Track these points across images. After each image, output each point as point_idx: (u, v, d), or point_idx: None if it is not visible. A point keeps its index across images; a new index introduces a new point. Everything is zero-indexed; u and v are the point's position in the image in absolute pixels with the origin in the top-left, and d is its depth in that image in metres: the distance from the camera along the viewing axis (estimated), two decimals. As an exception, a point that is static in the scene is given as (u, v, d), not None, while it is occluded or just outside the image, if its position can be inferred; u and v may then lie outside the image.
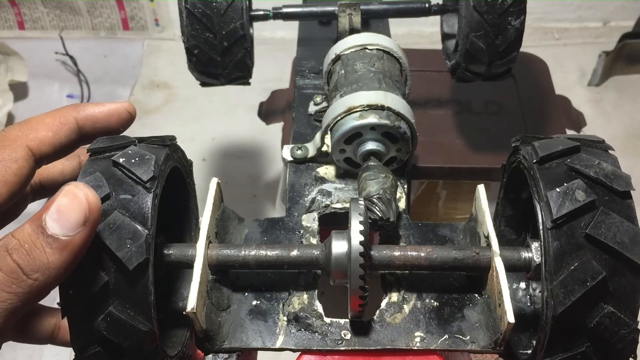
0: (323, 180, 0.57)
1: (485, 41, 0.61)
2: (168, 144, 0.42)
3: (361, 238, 0.41)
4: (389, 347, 0.45)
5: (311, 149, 0.58)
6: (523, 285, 0.49)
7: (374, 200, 0.48)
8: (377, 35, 0.59)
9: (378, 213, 0.48)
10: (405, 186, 0.57)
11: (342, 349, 0.45)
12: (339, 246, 0.43)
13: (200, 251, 0.43)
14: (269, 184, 1.32)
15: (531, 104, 0.94)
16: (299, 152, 0.58)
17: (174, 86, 1.51)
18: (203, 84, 0.71)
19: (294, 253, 0.44)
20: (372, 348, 0.45)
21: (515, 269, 0.43)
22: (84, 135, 0.45)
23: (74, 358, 0.38)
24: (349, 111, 0.52)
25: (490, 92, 0.94)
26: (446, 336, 0.45)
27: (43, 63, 1.53)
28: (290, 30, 1.21)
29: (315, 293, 0.48)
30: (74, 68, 1.52)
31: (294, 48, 0.75)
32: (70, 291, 0.37)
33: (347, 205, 0.54)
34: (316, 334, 0.45)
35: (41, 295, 0.35)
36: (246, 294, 0.48)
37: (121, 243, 0.37)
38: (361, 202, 0.44)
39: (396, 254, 0.44)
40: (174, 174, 0.44)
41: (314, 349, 0.45)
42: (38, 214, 0.35)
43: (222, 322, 0.45)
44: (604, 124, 1.42)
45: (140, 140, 0.43)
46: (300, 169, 0.58)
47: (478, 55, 0.62)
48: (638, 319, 0.38)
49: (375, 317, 0.46)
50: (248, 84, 0.72)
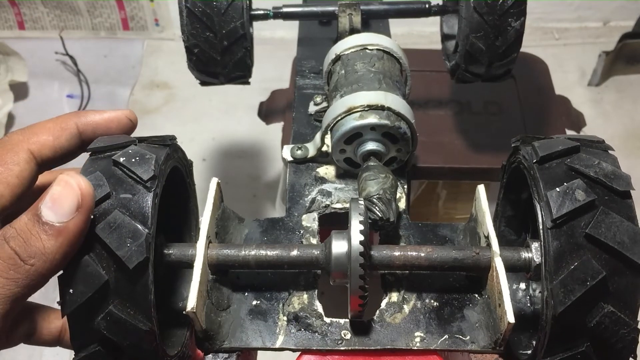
0: (323, 180, 0.57)
1: (485, 42, 0.61)
2: (168, 143, 0.42)
3: (361, 238, 0.41)
4: (389, 347, 0.45)
5: (311, 149, 0.58)
6: (523, 285, 0.49)
7: (374, 200, 0.48)
8: (378, 35, 0.59)
9: (378, 213, 0.48)
10: (405, 186, 0.57)
11: (342, 348, 0.45)
12: (339, 246, 0.43)
13: (200, 251, 0.43)
14: (269, 184, 1.32)
15: (531, 104, 0.94)
16: (299, 152, 0.58)
17: (173, 86, 1.51)
18: (203, 83, 0.71)
19: (294, 253, 0.44)
20: (372, 348, 0.45)
21: (515, 269, 0.43)
22: (85, 140, 0.45)
23: (73, 357, 0.38)
24: (349, 111, 0.52)
25: (490, 92, 0.94)
26: (446, 336, 0.45)
27: (43, 63, 1.53)
28: (290, 30, 1.21)
29: (315, 293, 0.48)
30: (74, 68, 1.52)
31: (294, 48, 0.75)
32: (70, 290, 0.37)
33: (347, 205, 0.54)
34: (316, 334, 0.45)
35: (40, 282, 0.37)
36: (246, 293, 0.48)
37: (121, 242, 0.37)
38: (361, 202, 0.44)
39: (396, 254, 0.44)
40: (174, 174, 0.45)
41: (314, 348, 0.45)
42: (35, 205, 0.36)
43: (222, 322, 0.45)
44: (604, 124, 1.42)
45: (141, 139, 0.43)
46: (300, 169, 0.58)
47: (478, 56, 0.62)
48: (638, 319, 0.38)
49: (375, 317, 0.46)
50: (248, 83, 0.72)
